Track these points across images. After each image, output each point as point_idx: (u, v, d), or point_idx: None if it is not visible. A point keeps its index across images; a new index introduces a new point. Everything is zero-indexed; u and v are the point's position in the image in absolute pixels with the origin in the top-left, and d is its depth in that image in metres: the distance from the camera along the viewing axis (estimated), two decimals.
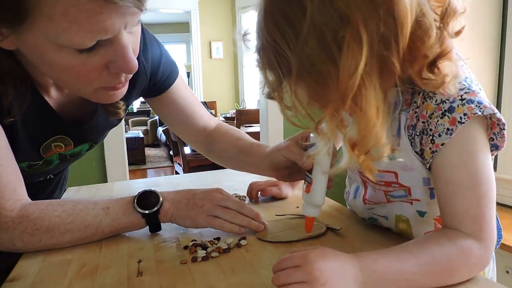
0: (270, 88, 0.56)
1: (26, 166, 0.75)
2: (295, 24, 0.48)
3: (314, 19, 0.46)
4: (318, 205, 0.68)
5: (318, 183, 0.67)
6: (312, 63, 0.48)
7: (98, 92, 0.65)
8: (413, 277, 0.51)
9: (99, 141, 0.87)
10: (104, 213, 0.70)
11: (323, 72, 0.48)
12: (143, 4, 0.56)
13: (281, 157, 0.76)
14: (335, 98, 0.48)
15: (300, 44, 0.48)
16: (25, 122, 0.69)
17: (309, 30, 0.47)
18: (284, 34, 0.49)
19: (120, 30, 0.56)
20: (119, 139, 1.94)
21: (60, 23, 0.52)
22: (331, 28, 0.46)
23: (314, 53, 0.47)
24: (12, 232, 0.65)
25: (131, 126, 6.76)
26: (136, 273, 0.60)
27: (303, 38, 0.47)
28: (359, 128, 0.49)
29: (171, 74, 0.89)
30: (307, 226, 0.69)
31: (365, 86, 0.47)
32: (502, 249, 1.44)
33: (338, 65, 0.46)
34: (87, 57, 0.57)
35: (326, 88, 0.49)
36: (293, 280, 0.49)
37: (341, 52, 0.46)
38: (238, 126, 3.29)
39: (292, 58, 0.49)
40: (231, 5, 6.14)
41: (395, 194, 0.66)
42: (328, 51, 0.47)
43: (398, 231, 0.70)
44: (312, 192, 0.67)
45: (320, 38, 0.47)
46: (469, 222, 0.54)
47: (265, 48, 0.52)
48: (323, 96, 0.50)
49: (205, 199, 0.73)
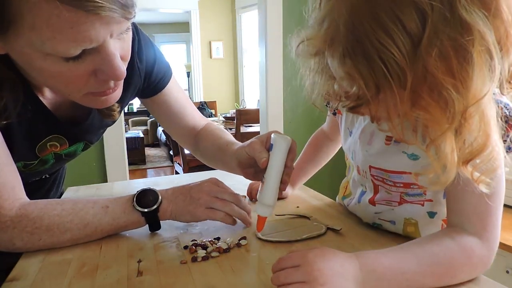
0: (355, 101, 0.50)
1: (21, 166, 0.75)
2: (411, 31, 0.42)
3: (435, 27, 0.42)
4: (268, 205, 0.68)
5: (269, 183, 0.67)
6: (431, 75, 0.43)
7: (87, 98, 0.65)
8: (413, 277, 0.51)
9: (94, 141, 0.87)
10: (103, 212, 0.70)
11: (443, 85, 0.43)
12: (130, 13, 0.56)
13: (245, 155, 0.75)
14: (457, 113, 0.43)
15: (419, 54, 0.43)
16: (21, 122, 0.69)
17: (429, 39, 0.42)
18: (397, 42, 0.42)
19: (105, 39, 0.56)
20: (119, 139, 1.94)
21: (43, 32, 0.52)
22: (451, 37, 0.42)
23: (435, 64, 0.42)
24: (11, 231, 0.65)
25: (131, 126, 6.75)
26: (136, 273, 0.60)
27: (423, 47, 0.42)
28: (477, 144, 0.45)
29: (164, 76, 0.91)
30: (258, 225, 0.70)
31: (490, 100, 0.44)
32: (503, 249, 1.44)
33: (457, 77, 0.42)
34: (74, 65, 0.57)
35: (443, 103, 0.44)
36: (292, 280, 0.49)
37: (462, 65, 0.42)
38: (238, 126, 3.29)
39: (408, 69, 0.43)
40: (231, 5, 6.14)
41: (410, 192, 0.66)
42: (449, 62, 0.42)
43: (405, 235, 0.70)
44: (264, 191, 0.68)
45: (441, 48, 0.42)
46: (476, 219, 0.54)
47: (368, 56, 0.44)
48: (438, 111, 0.45)
49: (202, 192, 0.74)
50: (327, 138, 0.94)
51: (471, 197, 0.54)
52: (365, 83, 0.46)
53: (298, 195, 0.96)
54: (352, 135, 0.73)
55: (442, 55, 0.42)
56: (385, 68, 0.43)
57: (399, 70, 0.43)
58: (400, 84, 0.44)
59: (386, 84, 0.44)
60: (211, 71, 6.24)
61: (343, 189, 0.85)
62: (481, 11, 0.42)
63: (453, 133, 0.45)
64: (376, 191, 0.71)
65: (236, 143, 0.86)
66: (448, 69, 0.42)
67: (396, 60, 0.43)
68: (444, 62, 0.42)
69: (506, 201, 1.87)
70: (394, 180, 0.66)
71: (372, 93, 0.46)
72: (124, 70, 0.61)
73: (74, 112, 0.78)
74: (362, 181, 0.74)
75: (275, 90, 2.18)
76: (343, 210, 0.85)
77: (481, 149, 0.45)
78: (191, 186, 0.76)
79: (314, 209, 0.86)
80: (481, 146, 0.45)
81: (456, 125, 0.44)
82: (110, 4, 0.52)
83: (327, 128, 0.93)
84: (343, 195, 0.84)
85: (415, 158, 0.61)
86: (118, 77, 0.60)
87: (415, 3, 0.42)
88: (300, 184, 0.98)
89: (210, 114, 5.68)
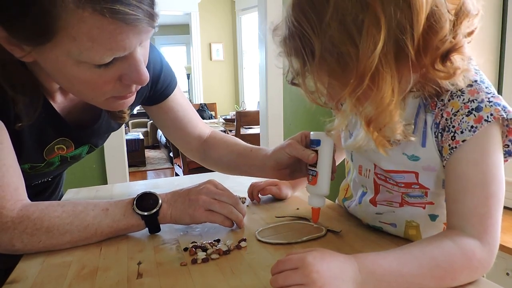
0: (294, 73, 0.60)
1: (28, 167, 0.76)
2: (320, 10, 0.52)
3: (337, 5, 0.51)
4: (324, 195, 0.74)
5: (323, 175, 0.73)
6: (334, 45, 0.51)
7: (109, 101, 0.67)
8: (413, 279, 0.51)
9: (99, 144, 0.88)
10: (103, 215, 0.71)
11: (344, 53, 0.51)
12: (156, 22, 0.59)
13: (285, 155, 0.79)
14: (355, 77, 0.52)
15: (324, 28, 0.52)
16: (31, 126, 0.70)
17: (332, 15, 0.51)
18: (309, 19, 0.53)
19: (136, 47, 0.60)
20: (119, 141, 1.94)
21: (83, 42, 0.55)
22: (351, 13, 0.50)
23: (336, 36, 0.51)
24: (12, 232, 0.65)
25: (131, 128, 6.76)
26: (136, 275, 0.60)
27: (327, 22, 0.51)
28: (375, 106, 0.53)
29: (170, 84, 0.92)
30: (314, 216, 0.75)
31: (382, 66, 0.51)
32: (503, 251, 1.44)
33: (357, 46, 0.50)
34: (104, 71, 0.60)
35: (346, 68, 0.52)
36: (291, 283, 0.49)
37: (360, 35, 0.50)
38: (238, 128, 3.29)
39: (316, 41, 0.52)
40: (231, 7, 6.16)
41: (412, 194, 0.67)
42: (348, 33, 0.51)
43: (406, 238, 0.70)
44: (319, 183, 0.74)
45: (342, 22, 0.51)
46: (476, 221, 0.54)
47: (292, 34, 0.56)
48: (344, 76, 0.53)
49: (200, 193, 0.74)
50: None
51: (471, 198, 0.54)
52: (291, 58, 0.58)
53: (298, 196, 0.96)
54: (352, 136, 0.74)
55: (342, 26, 0.51)
56: (300, 42, 0.54)
57: (309, 43, 0.53)
58: (312, 55, 0.54)
59: (303, 56, 0.55)
60: (211, 73, 6.25)
61: (343, 191, 0.85)
62: None
63: (352, 92, 0.53)
64: (377, 191, 0.71)
65: (263, 148, 0.90)
66: (349, 38, 0.51)
67: (307, 35, 0.53)
68: (345, 33, 0.51)
69: (506, 203, 1.87)
70: (396, 180, 0.66)
71: (297, 66, 0.58)
72: (148, 76, 0.64)
73: (82, 116, 0.80)
74: (363, 181, 0.75)
75: (275, 92, 2.18)
76: (343, 212, 0.85)
77: (378, 111, 0.53)
78: (190, 189, 0.76)
79: None
80: (378, 108, 0.53)
81: (353, 84, 0.52)
82: (144, 16, 0.56)
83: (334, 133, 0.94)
84: (343, 197, 0.84)
85: (416, 159, 0.62)
86: (143, 82, 0.64)
87: None
88: (302, 187, 0.98)
89: (210, 116, 5.68)
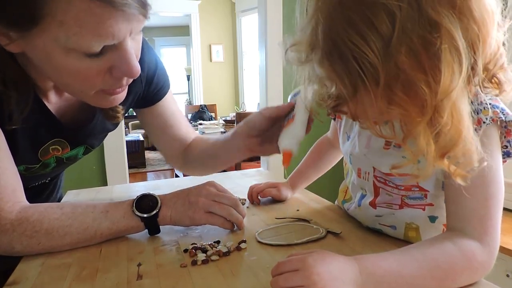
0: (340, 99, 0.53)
1: (23, 169, 0.75)
2: (382, 31, 0.45)
3: (404, 26, 0.44)
4: (298, 137, 0.69)
5: (300, 116, 0.69)
6: (403, 72, 0.45)
7: (99, 96, 0.66)
8: (413, 280, 0.51)
9: (95, 145, 0.87)
10: (103, 216, 0.70)
11: (415, 81, 0.45)
12: (147, 12, 0.59)
13: (258, 118, 0.77)
14: (429, 107, 0.46)
15: (390, 52, 0.45)
16: (25, 126, 0.69)
17: (399, 38, 0.44)
18: (369, 42, 0.45)
19: (126, 36, 0.58)
20: (119, 142, 1.94)
21: (71, 27, 0.53)
22: (420, 35, 0.44)
23: (405, 61, 0.44)
24: (11, 234, 0.65)
25: (131, 129, 6.74)
26: (136, 276, 0.60)
27: (394, 45, 0.44)
28: (451, 137, 0.47)
29: (163, 87, 0.91)
30: (285, 160, 0.69)
31: (461, 95, 0.46)
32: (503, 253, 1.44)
33: (427, 73, 0.45)
34: (93, 61, 0.59)
35: (416, 98, 0.46)
36: (292, 284, 0.48)
37: (432, 60, 0.44)
38: None
39: (381, 67, 0.45)
40: (231, 8, 6.16)
41: (411, 196, 0.66)
42: (419, 59, 0.44)
43: (406, 240, 0.70)
44: (296, 122, 0.69)
45: (410, 45, 0.44)
46: (476, 222, 0.54)
47: (343, 57, 0.47)
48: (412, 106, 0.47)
49: (200, 195, 0.74)
50: (330, 145, 0.94)
51: (471, 201, 0.54)
52: (342, 83, 0.48)
53: (298, 198, 0.96)
54: (350, 139, 0.74)
55: (412, 52, 0.44)
56: (359, 67, 0.46)
57: (372, 69, 0.45)
58: (375, 82, 0.46)
59: (361, 82, 0.47)
60: (211, 74, 6.25)
61: (342, 193, 0.85)
62: (449, 11, 0.44)
63: (427, 126, 0.47)
64: (377, 193, 0.71)
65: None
66: (419, 65, 0.45)
67: (369, 59, 0.45)
68: (414, 59, 0.44)
69: (506, 204, 1.87)
70: (396, 183, 0.66)
71: (349, 92, 0.49)
72: (139, 68, 0.63)
73: (77, 116, 0.78)
74: (362, 184, 0.74)
75: (275, 93, 2.18)
76: (343, 213, 0.85)
77: (455, 141, 0.47)
78: (189, 190, 0.76)
79: (314, 212, 0.86)
80: (455, 139, 0.47)
81: (429, 118, 0.46)
82: (133, 2, 0.55)
83: (331, 134, 0.94)
84: (343, 199, 0.84)
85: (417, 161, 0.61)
86: (134, 74, 0.63)
87: (385, 5, 0.44)
88: (301, 188, 0.98)
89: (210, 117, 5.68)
